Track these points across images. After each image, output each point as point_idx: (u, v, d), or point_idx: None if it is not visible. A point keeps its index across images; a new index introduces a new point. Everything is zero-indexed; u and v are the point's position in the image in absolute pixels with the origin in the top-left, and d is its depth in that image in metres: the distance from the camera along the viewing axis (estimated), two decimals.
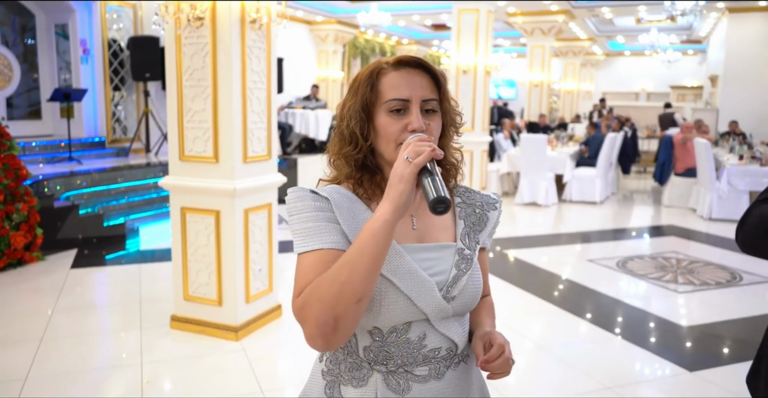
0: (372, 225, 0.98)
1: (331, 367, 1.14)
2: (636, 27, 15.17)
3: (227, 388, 3.04)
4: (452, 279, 1.11)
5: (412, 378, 1.09)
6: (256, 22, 3.40)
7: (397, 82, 1.10)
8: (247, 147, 3.51)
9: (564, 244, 6.54)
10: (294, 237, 1.09)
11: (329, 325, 0.97)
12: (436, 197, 0.96)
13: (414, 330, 1.09)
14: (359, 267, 0.97)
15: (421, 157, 0.98)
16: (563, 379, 3.20)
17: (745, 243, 1.28)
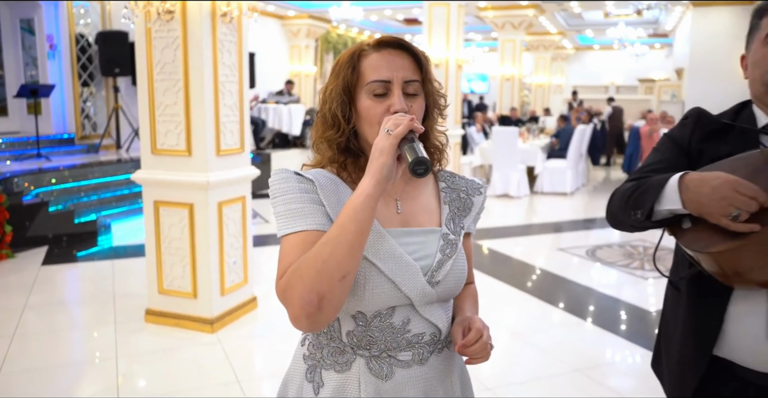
0: (354, 201, 0.97)
1: (313, 351, 1.13)
2: (604, 21, 15.41)
3: (203, 379, 3.06)
4: (437, 264, 1.10)
5: (395, 362, 1.08)
6: (226, 15, 3.41)
7: (378, 64, 1.08)
8: (219, 140, 3.52)
9: (536, 234, 6.66)
10: (277, 220, 1.07)
11: (313, 304, 0.95)
12: (416, 158, 0.96)
13: (398, 314, 1.08)
14: (342, 243, 0.95)
15: (401, 127, 0.98)
16: (536, 364, 3.29)
17: (612, 220, 1.36)
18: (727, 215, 1.08)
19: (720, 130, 1.30)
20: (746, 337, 1.19)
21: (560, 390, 3.00)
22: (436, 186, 1.21)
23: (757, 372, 1.20)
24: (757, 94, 1.30)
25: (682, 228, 1.19)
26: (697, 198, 1.12)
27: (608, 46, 19.86)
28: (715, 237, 1.11)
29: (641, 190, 1.22)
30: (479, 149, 9.28)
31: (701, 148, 1.29)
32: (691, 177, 1.15)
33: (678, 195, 1.15)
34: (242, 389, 2.95)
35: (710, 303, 1.23)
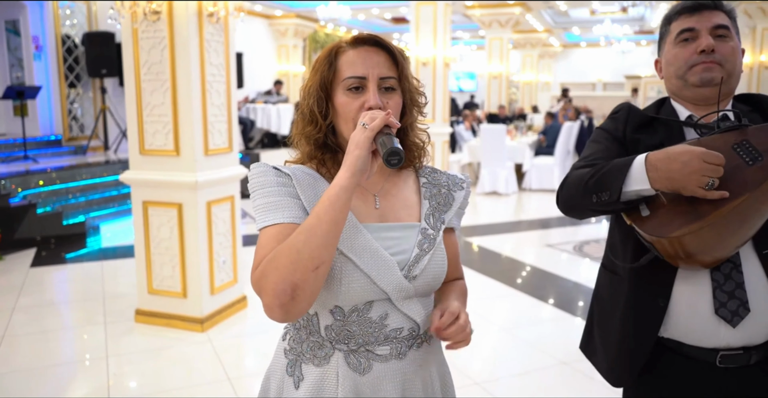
0: (329, 193, 0.99)
1: (294, 346, 1.14)
2: (591, 18, 15.51)
3: (194, 377, 3.08)
4: (414, 259, 1.10)
5: (373, 357, 1.09)
6: (213, 15, 3.42)
7: (353, 60, 1.09)
8: (208, 140, 3.53)
9: (524, 231, 6.71)
10: (255, 213, 1.09)
11: (287, 294, 0.96)
12: (389, 149, 0.98)
13: (375, 309, 1.08)
14: (316, 233, 0.97)
15: (377, 121, 0.99)
16: (525, 358, 3.33)
17: (566, 205, 1.38)
18: (703, 185, 1.14)
19: (647, 123, 1.41)
20: (693, 315, 1.26)
21: (549, 383, 3.04)
22: (417, 182, 1.22)
23: (703, 348, 1.27)
24: (673, 89, 1.42)
25: (641, 216, 1.23)
26: (669, 174, 1.17)
27: (595, 43, 19.98)
28: (676, 222, 1.17)
29: (602, 173, 1.26)
30: (468, 147, 9.33)
31: (636, 137, 1.38)
32: (656, 156, 1.20)
33: (645, 174, 1.20)
34: (233, 387, 2.97)
35: (655, 286, 1.29)
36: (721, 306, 1.24)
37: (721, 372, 1.27)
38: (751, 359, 1.27)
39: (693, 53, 1.34)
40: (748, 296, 1.23)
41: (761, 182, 1.14)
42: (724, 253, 1.21)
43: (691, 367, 1.30)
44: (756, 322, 1.24)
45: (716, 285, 1.24)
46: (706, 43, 1.32)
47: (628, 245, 1.35)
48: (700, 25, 1.34)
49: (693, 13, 1.36)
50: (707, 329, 1.25)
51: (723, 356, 1.26)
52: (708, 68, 1.33)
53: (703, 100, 1.37)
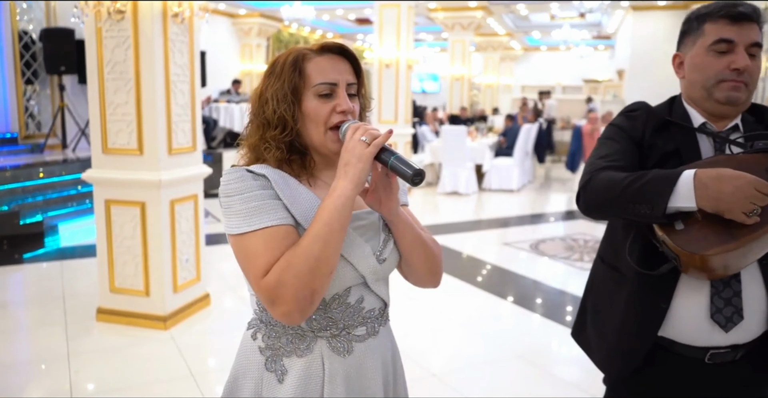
0: (335, 202, 1.04)
1: (270, 343, 1.17)
2: (550, 23, 15.88)
3: (158, 374, 3.11)
4: (383, 243, 1.19)
5: (353, 338, 1.16)
6: (178, 15, 3.46)
7: (323, 67, 1.13)
8: (171, 139, 3.56)
9: (484, 230, 6.88)
10: (233, 218, 1.09)
11: (307, 299, 1.02)
12: (416, 170, 1.05)
13: (353, 294, 1.15)
14: (331, 241, 1.03)
15: (381, 138, 1.06)
16: (481, 351, 3.46)
17: (590, 206, 1.36)
18: (748, 212, 1.16)
19: (663, 126, 1.40)
20: (690, 317, 1.32)
21: (505, 376, 3.18)
22: None
23: (695, 346, 1.34)
24: (695, 96, 1.40)
25: (675, 229, 1.24)
26: (718, 195, 1.17)
27: (555, 47, 20.44)
28: (710, 240, 1.20)
29: (642, 183, 1.23)
30: (430, 147, 9.48)
31: (653, 141, 1.38)
32: (707, 174, 1.19)
33: (692, 192, 1.18)
34: (197, 383, 3.02)
35: (659, 288, 1.34)
36: (717, 312, 1.30)
37: (708, 368, 1.35)
38: (737, 356, 1.35)
39: (725, 68, 1.32)
40: (743, 304, 1.30)
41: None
42: (737, 270, 1.27)
43: (680, 363, 1.37)
44: (746, 328, 1.32)
45: (715, 291, 1.30)
46: (744, 63, 1.30)
47: (634, 247, 1.37)
48: (739, 38, 1.31)
49: (735, 22, 1.31)
50: (701, 331, 1.32)
51: (712, 354, 1.34)
52: (736, 87, 1.32)
53: (720, 114, 1.37)
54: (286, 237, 1.07)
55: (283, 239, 1.06)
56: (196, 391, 2.94)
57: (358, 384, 1.17)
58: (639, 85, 11.86)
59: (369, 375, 1.18)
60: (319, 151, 1.18)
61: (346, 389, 1.15)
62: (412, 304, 4.18)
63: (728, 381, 1.37)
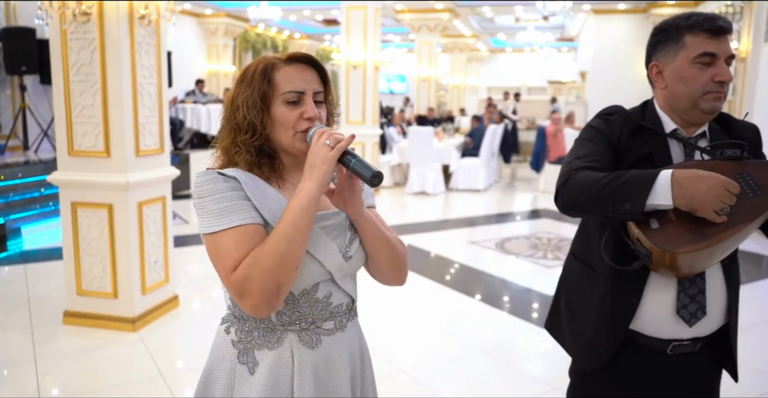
0: (301, 202, 1.11)
1: (242, 336, 1.23)
2: (515, 25, 16.14)
3: (127, 375, 3.12)
4: (349, 241, 1.25)
5: (321, 332, 1.23)
6: (145, 18, 3.46)
7: (291, 76, 1.20)
8: (139, 141, 3.57)
9: (451, 229, 7.00)
10: (205, 218, 1.16)
11: (273, 293, 1.09)
12: (375, 172, 1.12)
13: (321, 289, 1.22)
14: (296, 239, 1.10)
15: (343, 142, 1.13)
16: (449, 347, 3.55)
17: (568, 205, 1.41)
18: (718, 210, 1.24)
19: (637, 130, 1.46)
20: (658, 312, 1.42)
21: (472, 371, 3.27)
22: None
23: (660, 339, 1.44)
24: (678, 106, 1.44)
25: (650, 228, 1.31)
26: (692, 194, 1.24)
27: (520, 49, 20.77)
28: (683, 239, 1.27)
29: (620, 182, 1.29)
30: (397, 148, 9.58)
31: (628, 145, 1.44)
32: (682, 175, 1.26)
33: (670, 190, 1.26)
34: (167, 384, 3.04)
35: (631, 285, 1.42)
36: (683, 308, 1.40)
37: (670, 358, 1.45)
38: (696, 347, 1.45)
39: (710, 80, 1.37)
40: (706, 301, 1.40)
41: (759, 214, 1.27)
42: (702, 270, 1.37)
43: (644, 354, 1.46)
44: (708, 322, 1.43)
45: (681, 288, 1.40)
46: (729, 76, 1.37)
47: (608, 245, 1.43)
48: (721, 52, 1.37)
49: (715, 35, 1.37)
50: (666, 325, 1.42)
51: (674, 346, 1.43)
52: (719, 98, 1.39)
53: (698, 122, 1.44)
54: (255, 235, 1.13)
55: (251, 237, 1.13)
56: (166, 392, 2.96)
57: (326, 375, 1.23)
58: (601, 86, 12.16)
59: (337, 367, 1.24)
60: (288, 153, 1.24)
61: (315, 380, 1.21)
62: (381, 302, 4.26)
63: (687, 371, 1.47)
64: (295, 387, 1.20)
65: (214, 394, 1.25)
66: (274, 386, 1.19)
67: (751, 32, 7.47)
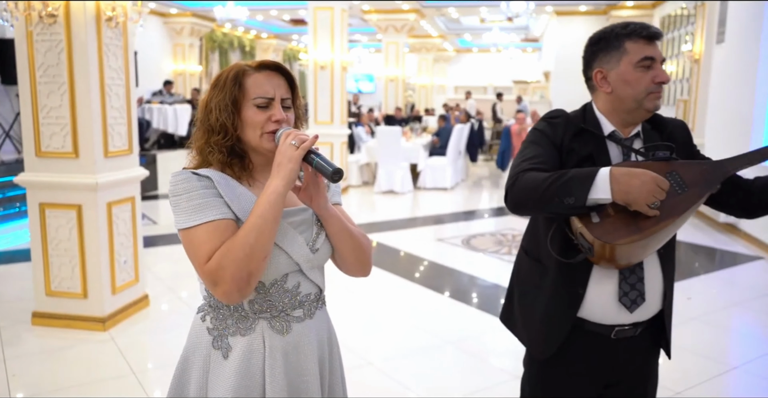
0: (269, 198, 1.21)
1: (217, 323, 1.32)
2: (480, 26, 16.40)
3: (98, 373, 3.15)
4: (315, 235, 1.35)
5: (291, 319, 1.32)
6: (112, 20, 3.49)
7: (261, 82, 1.30)
8: (107, 142, 3.59)
9: (419, 227, 7.13)
10: (181, 214, 1.25)
11: (244, 280, 1.18)
12: (335, 169, 1.22)
13: (290, 280, 1.31)
14: (265, 231, 1.20)
15: (307, 142, 1.23)
16: (415, 340, 3.67)
17: (516, 204, 1.51)
18: (650, 204, 1.37)
19: (578, 132, 1.57)
20: (601, 300, 1.53)
21: (439, 363, 3.39)
22: None
23: (604, 325, 1.56)
24: (622, 107, 1.55)
25: (592, 222, 1.43)
26: (628, 189, 1.36)
27: (486, 49, 21.08)
28: (621, 232, 1.39)
29: (565, 179, 1.40)
30: (365, 148, 9.68)
31: (571, 146, 1.55)
32: (620, 171, 1.38)
33: (609, 186, 1.37)
34: (138, 380, 3.08)
35: (577, 277, 1.53)
36: (624, 295, 1.52)
37: (613, 342, 1.57)
38: (637, 331, 1.58)
39: (651, 82, 1.49)
40: (645, 288, 1.54)
41: (686, 209, 1.41)
42: (639, 260, 1.48)
43: (589, 339, 1.57)
44: (647, 308, 1.56)
45: (622, 277, 1.52)
46: (667, 77, 1.50)
47: (554, 240, 1.54)
48: (657, 55, 1.51)
49: (651, 41, 1.51)
50: (609, 312, 1.53)
51: (617, 331, 1.55)
52: (659, 97, 1.52)
53: (635, 121, 1.57)
54: (227, 229, 1.23)
55: (223, 231, 1.23)
56: (138, 388, 3.01)
57: (296, 359, 1.33)
58: (563, 86, 12.47)
59: (305, 351, 1.34)
60: (257, 152, 1.34)
61: (285, 364, 1.31)
62: (351, 298, 4.36)
63: (628, 352, 1.60)
64: (266, 371, 1.29)
65: (190, 378, 1.34)
66: (246, 369, 1.28)
67: (703, 34, 7.77)
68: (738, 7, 6.74)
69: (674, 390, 3.03)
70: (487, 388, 3.06)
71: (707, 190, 1.46)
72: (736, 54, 6.71)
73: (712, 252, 6.01)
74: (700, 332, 3.86)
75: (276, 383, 1.29)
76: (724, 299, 4.57)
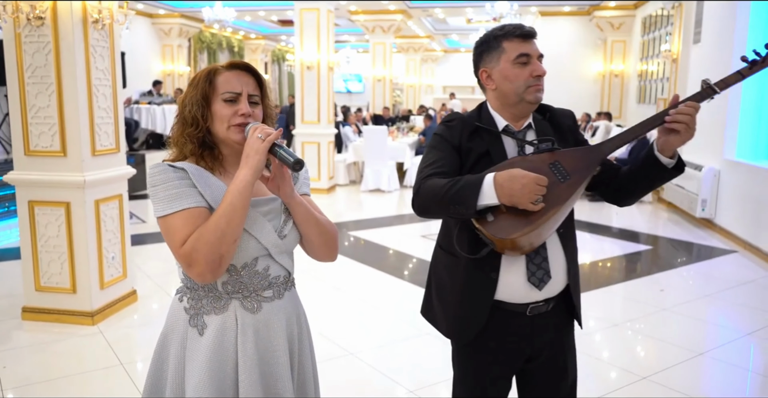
0: (237, 187, 1.32)
1: (193, 303, 1.43)
2: (467, 26, 16.54)
3: (87, 365, 3.26)
4: (283, 223, 1.46)
5: (261, 299, 1.43)
6: (98, 22, 3.59)
7: (230, 79, 1.42)
8: (95, 141, 3.69)
9: (405, 224, 7.25)
10: (158, 203, 1.36)
11: (216, 262, 1.30)
12: (296, 159, 1.35)
13: (260, 263, 1.43)
14: (234, 217, 1.31)
15: (273, 135, 1.35)
16: (397, 330, 3.79)
17: (421, 210, 1.66)
18: (533, 202, 1.50)
19: (475, 131, 1.70)
20: (513, 281, 1.66)
21: (419, 352, 3.52)
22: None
23: (519, 303, 1.69)
24: (507, 102, 1.69)
25: (488, 221, 1.56)
26: (511, 192, 1.49)
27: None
28: (514, 227, 1.53)
29: (456, 189, 1.53)
30: (353, 147, 9.80)
31: (469, 146, 1.68)
32: (502, 177, 1.51)
33: (494, 191, 1.51)
34: (126, 371, 3.19)
35: (488, 263, 1.65)
36: (532, 275, 1.64)
37: (528, 319, 1.71)
38: (549, 307, 1.72)
39: (529, 76, 1.63)
40: (550, 266, 1.67)
41: (569, 196, 1.54)
42: (540, 243, 1.60)
43: (506, 318, 1.69)
44: (554, 284, 1.69)
45: (528, 259, 1.64)
46: (543, 71, 1.63)
47: (462, 236, 1.65)
48: (533, 52, 1.65)
49: (526, 39, 1.65)
50: (522, 291, 1.66)
51: (531, 308, 1.68)
52: (539, 89, 1.65)
53: (523, 115, 1.69)
54: (200, 216, 1.35)
55: (197, 217, 1.35)
56: (126, 378, 3.11)
57: (266, 336, 1.45)
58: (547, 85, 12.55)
59: (275, 328, 1.46)
60: (225, 143, 1.46)
61: (256, 340, 1.43)
62: (337, 294, 4.48)
63: (542, 326, 1.73)
64: (239, 347, 1.41)
65: (169, 354, 1.46)
66: (220, 345, 1.40)
67: (681, 34, 7.95)
68: (713, 8, 6.92)
69: (640, 375, 3.17)
70: None
71: (588, 173, 1.59)
72: (712, 53, 6.89)
73: (690, 246, 6.17)
74: (670, 322, 4.01)
75: (247, 357, 1.40)
76: (697, 290, 4.73)
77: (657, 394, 3.00)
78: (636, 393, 2.99)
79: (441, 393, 3.00)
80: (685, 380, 3.17)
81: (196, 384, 1.37)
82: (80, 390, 3.00)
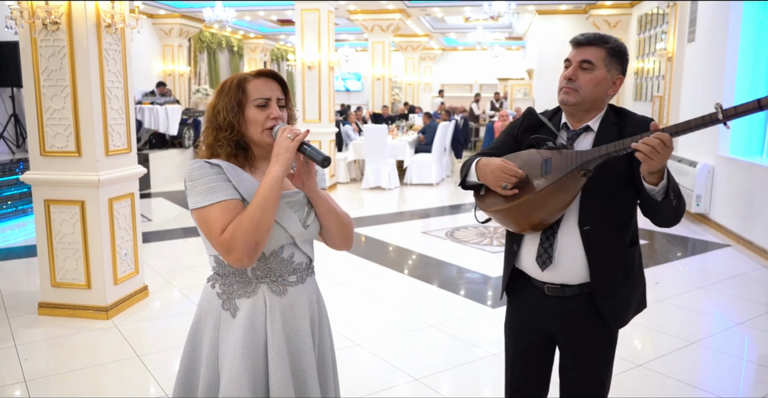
0: (270, 181, 1.47)
1: (225, 289, 1.58)
2: (465, 25, 16.65)
3: (104, 357, 3.39)
4: (306, 214, 1.62)
5: (287, 283, 1.59)
6: (111, 26, 3.72)
7: (260, 86, 1.57)
8: (108, 141, 3.82)
9: (406, 221, 7.39)
10: (197, 196, 1.50)
11: (252, 248, 1.45)
12: (325, 156, 1.50)
13: (286, 251, 1.58)
14: (268, 208, 1.46)
15: (301, 135, 1.51)
16: (400, 323, 3.93)
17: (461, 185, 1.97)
18: (500, 186, 1.75)
19: (537, 125, 1.91)
20: (528, 257, 1.89)
21: (423, 342, 3.65)
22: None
23: (537, 279, 1.90)
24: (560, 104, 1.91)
25: (480, 195, 1.86)
26: (483, 175, 1.80)
27: (471, 47, 21.34)
28: (495, 202, 1.79)
29: (464, 164, 1.90)
30: (353, 145, 9.92)
31: (522, 136, 1.92)
32: (483, 161, 1.81)
33: (475, 173, 1.84)
34: (143, 362, 3.32)
35: (515, 238, 1.93)
36: (539, 256, 1.84)
37: (548, 298, 1.88)
38: (565, 292, 1.87)
39: (564, 79, 1.81)
40: (554, 253, 1.83)
41: (543, 188, 1.70)
42: (533, 224, 1.78)
43: (533, 291, 1.92)
44: (562, 273, 1.84)
45: (540, 242, 1.84)
46: (569, 72, 1.80)
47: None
48: (573, 58, 1.81)
49: (576, 47, 1.82)
50: (532, 268, 1.88)
51: (548, 287, 1.87)
52: (566, 92, 1.80)
53: (569, 113, 1.87)
54: (236, 207, 1.50)
55: (233, 208, 1.49)
56: (143, 369, 3.24)
57: (292, 316, 1.60)
58: (545, 83, 12.76)
59: (299, 310, 1.62)
60: (258, 146, 1.61)
61: (283, 320, 1.58)
62: (343, 289, 4.61)
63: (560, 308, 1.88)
64: (267, 326, 1.56)
65: (204, 336, 1.60)
66: (252, 325, 1.55)
67: (676, 33, 8.09)
68: (707, 8, 7.06)
69: (635, 363, 3.31)
70: (468, 363, 3.33)
71: (561, 173, 1.72)
72: (706, 52, 7.03)
73: (685, 240, 6.31)
74: (665, 313, 4.15)
75: (276, 336, 1.56)
76: (691, 283, 4.87)
77: (652, 380, 3.14)
78: (632, 380, 3.13)
79: (443, 381, 3.14)
80: (680, 367, 3.31)
81: (231, 361, 1.51)
82: (97, 381, 3.14)
